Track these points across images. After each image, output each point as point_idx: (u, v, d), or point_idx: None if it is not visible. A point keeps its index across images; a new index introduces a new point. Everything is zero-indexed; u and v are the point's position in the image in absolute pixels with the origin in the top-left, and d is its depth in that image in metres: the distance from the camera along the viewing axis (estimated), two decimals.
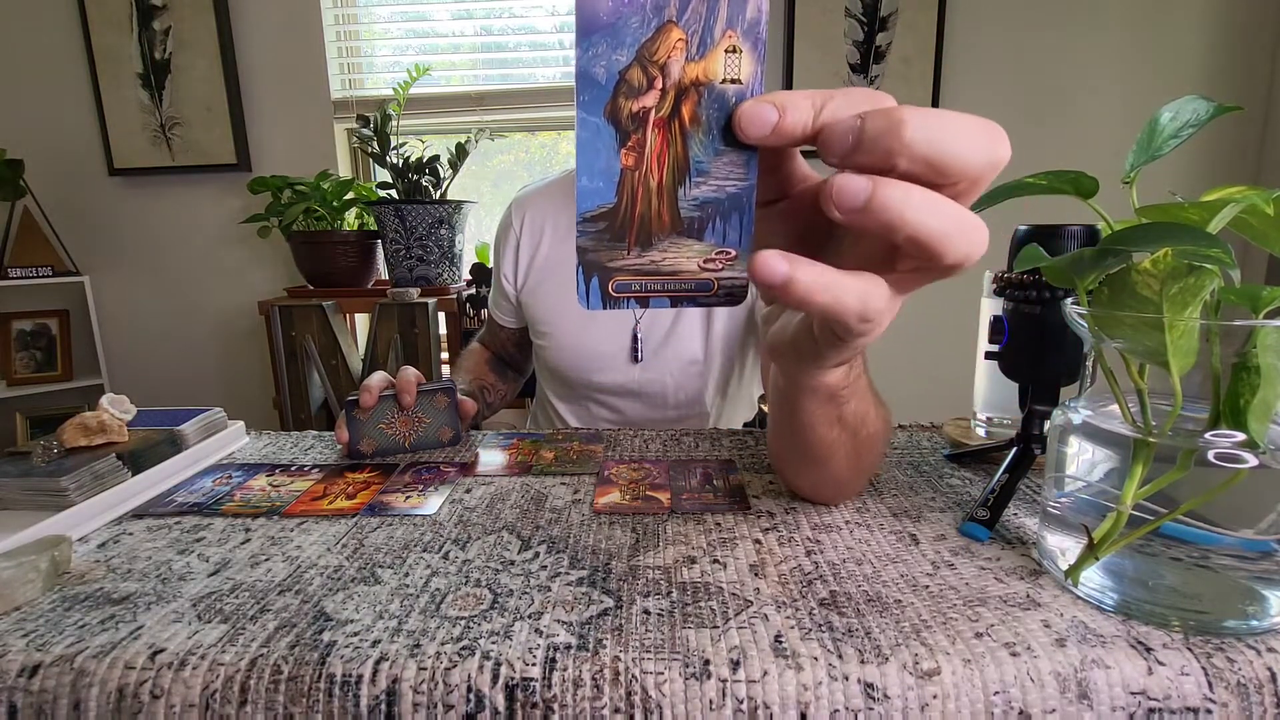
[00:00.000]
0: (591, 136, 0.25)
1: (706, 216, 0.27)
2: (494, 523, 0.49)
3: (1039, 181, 0.36)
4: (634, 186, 0.26)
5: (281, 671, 0.33)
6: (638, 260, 0.27)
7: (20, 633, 0.36)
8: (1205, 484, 0.33)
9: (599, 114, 0.25)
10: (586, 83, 0.25)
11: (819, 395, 0.40)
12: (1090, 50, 1.79)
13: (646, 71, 0.25)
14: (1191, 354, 0.32)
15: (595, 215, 0.26)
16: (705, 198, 0.27)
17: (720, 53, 0.25)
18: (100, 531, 0.49)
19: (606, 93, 0.25)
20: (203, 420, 0.66)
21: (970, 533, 0.45)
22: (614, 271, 0.27)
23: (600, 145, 0.25)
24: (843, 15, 1.80)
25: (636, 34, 0.24)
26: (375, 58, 1.99)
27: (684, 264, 0.27)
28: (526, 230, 0.93)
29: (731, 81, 0.25)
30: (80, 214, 2.01)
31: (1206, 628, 0.33)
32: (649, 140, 0.26)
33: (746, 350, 0.89)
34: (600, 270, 0.27)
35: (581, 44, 0.24)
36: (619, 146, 0.26)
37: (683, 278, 0.28)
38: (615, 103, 0.25)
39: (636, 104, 0.25)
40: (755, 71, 0.25)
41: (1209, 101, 0.34)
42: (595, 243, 0.27)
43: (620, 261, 0.27)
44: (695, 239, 0.27)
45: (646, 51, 0.24)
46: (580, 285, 0.27)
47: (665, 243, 0.27)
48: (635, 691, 0.32)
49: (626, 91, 0.25)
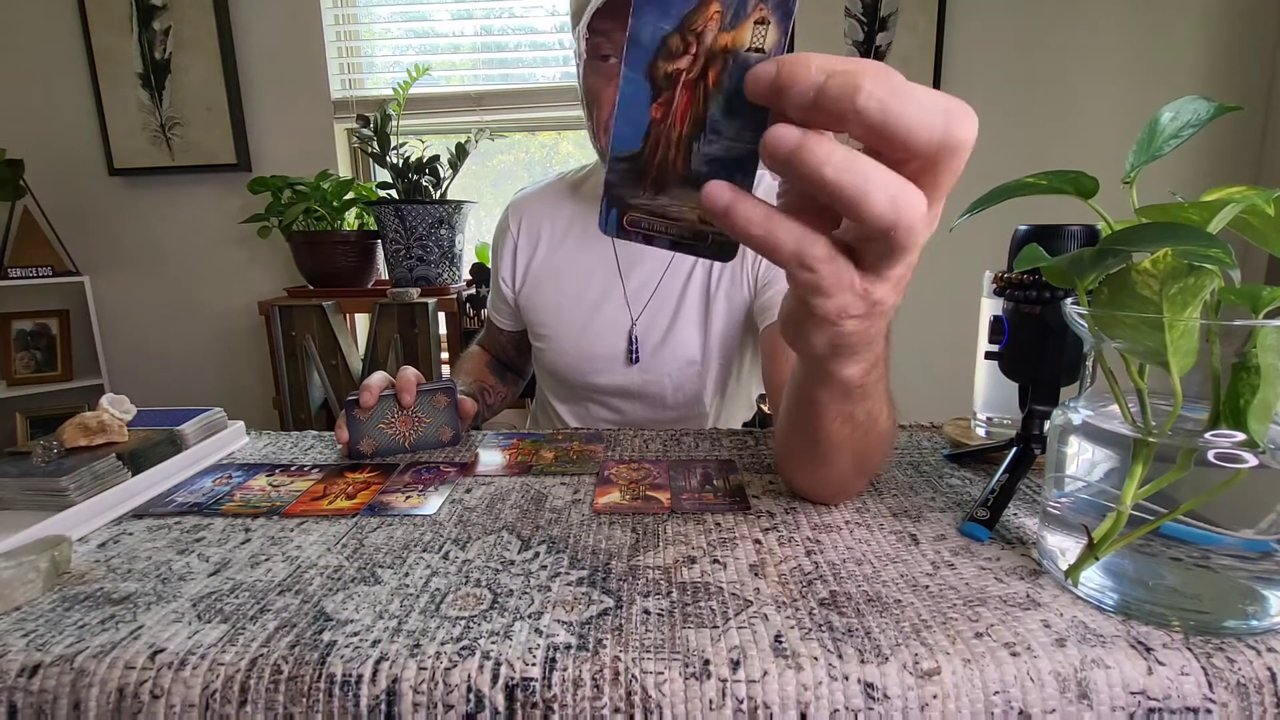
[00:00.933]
0: (632, 91, 0.28)
1: (713, 172, 0.29)
2: (494, 523, 0.49)
3: (1039, 181, 0.36)
4: (658, 137, 0.29)
5: (281, 671, 0.33)
6: (650, 202, 0.30)
7: (20, 633, 0.36)
8: (1205, 484, 0.33)
9: (640, 71, 0.28)
10: (634, 44, 0.28)
11: (835, 390, 0.40)
12: (1090, 50, 1.79)
13: (685, 38, 0.27)
14: (1191, 354, 0.32)
15: (624, 156, 0.29)
16: (714, 155, 0.29)
17: (750, 24, 0.27)
18: (100, 531, 0.49)
19: (649, 53, 0.28)
20: (203, 420, 0.66)
21: (970, 533, 0.45)
22: (631, 207, 0.30)
23: (638, 98, 0.28)
24: (843, 15, 1.80)
25: (681, 7, 0.27)
26: (375, 58, 1.99)
27: (686, 213, 0.30)
28: (524, 233, 0.93)
29: (756, 50, 0.27)
30: (80, 214, 2.01)
31: (1206, 628, 0.33)
32: (677, 98, 0.28)
33: (744, 350, 0.89)
34: (620, 204, 0.30)
35: (637, 11, 0.27)
36: (652, 101, 0.28)
37: (683, 225, 0.31)
38: (655, 63, 0.28)
39: (672, 65, 0.28)
40: (779, 42, 0.27)
41: (1209, 101, 0.34)
42: (620, 179, 0.30)
43: (637, 199, 0.30)
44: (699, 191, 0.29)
45: (688, 21, 0.27)
46: (602, 213, 0.31)
47: (675, 191, 0.30)
48: (635, 691, 0.32)
49: (666, 54, 0.28)
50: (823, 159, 0.25)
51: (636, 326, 0.87)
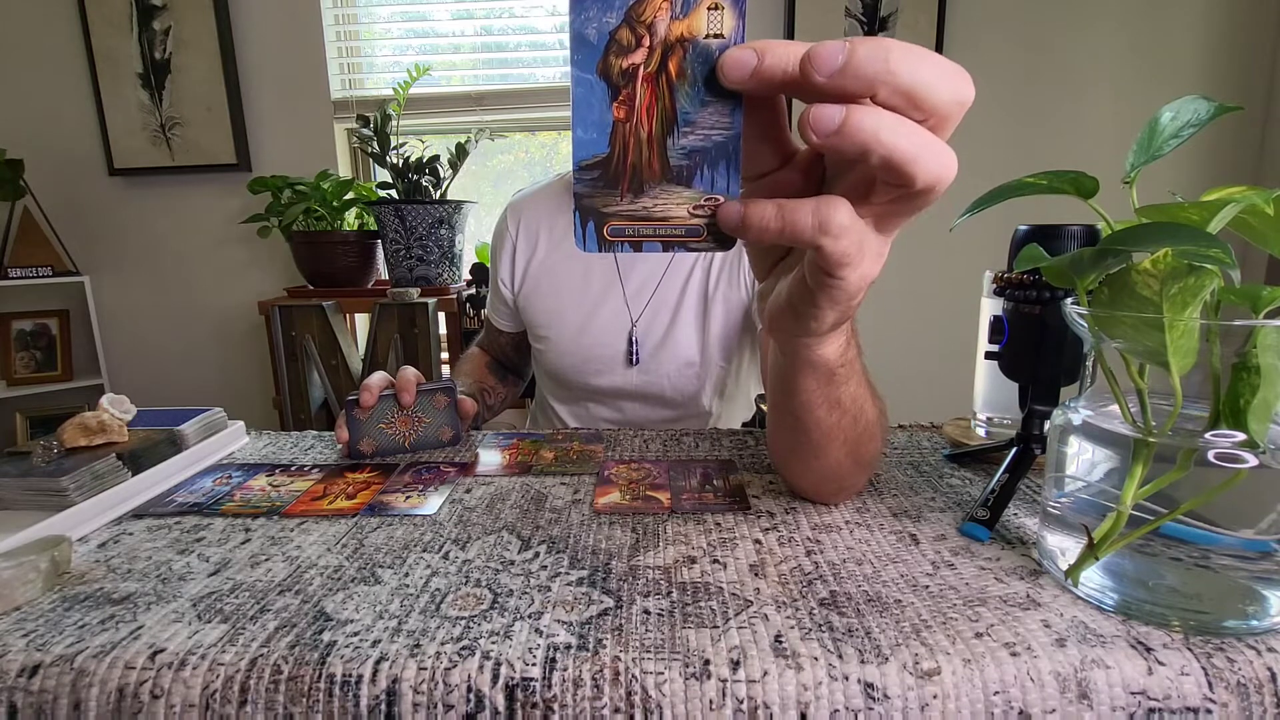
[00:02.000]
0: (585, 92, 0.27)
1: (695, 165, 0.28)
2: (494, 523, 0.49)
3: (1039, 181, 0.36)
4: (625, 137, 0.28)
5: (281, 671, 0.33)
6: (630, 206, 0.29)
7: (20, 633, 0.36)
8: (1205, 484, 0.33)
9: (592, 71, 0.27)
10: (580, 43, 0.26)
11: (817, 372, 0.41)
12: (1090, 50, 1.79)
13: (635, 30, 0.26)
14: (1191, 354, 0.32)
15: (590, 164, 0.28)
16: (693, 147, 0.28)
17: (703, 10, 0.26)
18: (100, 531, 0.49)
19: (598, 52, 0.26)
20: (203, 420, 0.66)
21: (970, 533, 0.45)
22: (608, 216, 0.29)
23: (593, 100, 0.27)
24: (843, 15, 1.81)
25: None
26: (375, 58, 1.99)
27: (674, 210, 0.29)
28: (522, 234, 0.93)
29: (714, 36, 0.27)
30: (80, 214, 2.01)
31: (1206, 628, 0.33)
32: (639, 94, 0.27)
33: (743, 351, 0.89)
34: (595, 215, 0.29)
35: (574, 8, 0.26)
36: (611, 101, 0.27)
37: (674, 223, 0.29)
38: (606, 60, 0.27)
39: (626, 61, 0.27)
40: (737, 26, 0.26)
41: (1209, 101, 0.34)
42: (590, 189, 0.28)
43: (614, 207, 0.29)
44: (684, 186, 0.29)
45: (634, 12, 0.26)
46: (577, 229, 0.29)
47: (656, 190, 0.29)
48: (635, 691, 0.32)
49: (616, 50, 0.27)
50: (876, 125, 0.25)
51: (636, 328, 0.87)
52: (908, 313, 1.92)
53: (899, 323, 1.93)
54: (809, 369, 0.41)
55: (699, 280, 0.86)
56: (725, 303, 0.85)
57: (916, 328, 1.93)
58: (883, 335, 1.91)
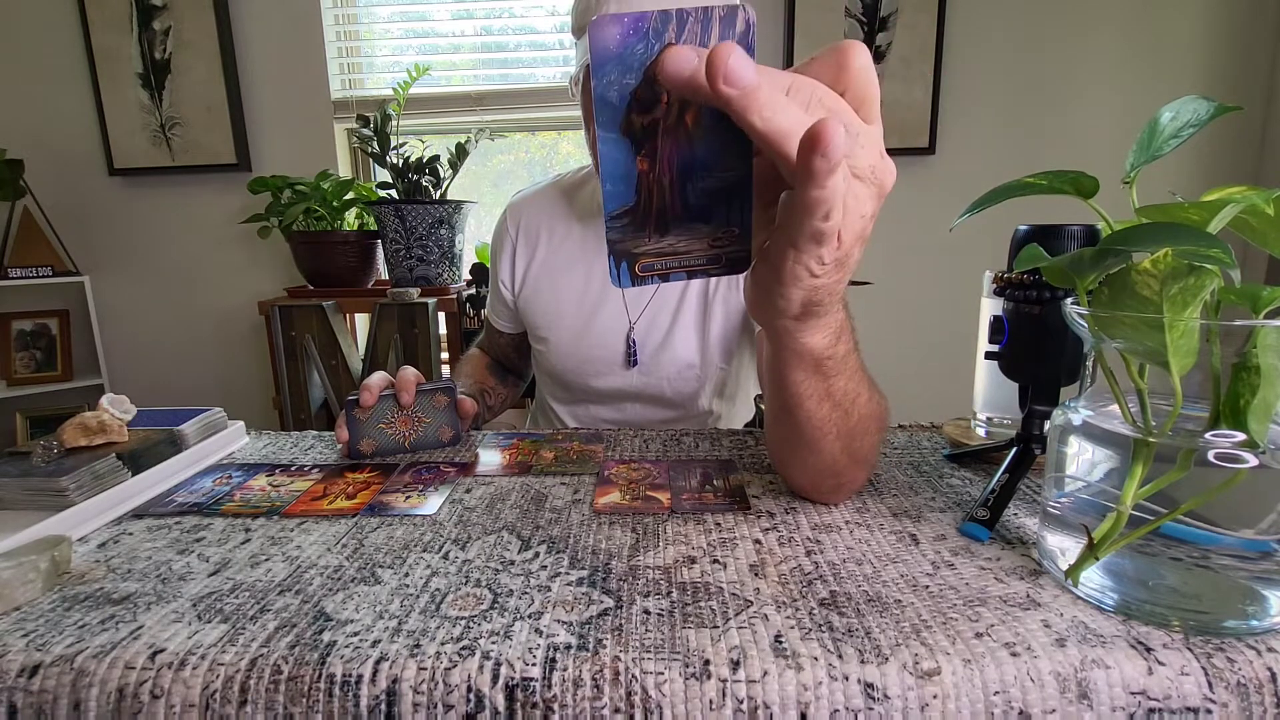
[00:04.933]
0: (611, 150, 0.29)
1: (713, 204, 0.31)
2: (494, 523, 0.49)
3: (1039, 181, 0.36)
4: (649, 186, 0.30)
5: (281, 671, 0.33)
6: (657, 245, 0.31)
7: (20, 633, 0.36)
8: (1205, 484, 0.33)
9: (615, 130, 0.29)
10: (603, 105, 0.28)
11: (804, 363, 0.41)
12: (1090, 50, 1.79)
13: (653, 89, 0.28)
14: (1191, 354, 0.32)
15: (620, 213, 0.30)
16: (710, 188, 0.30)
17: None
18: (100, 531, 0.49)
19: (620, 112, 0.28)
20: (203, 420, 0.66)
21: (970, 533, 0.45)
22: (639, 256, 0.31)
23: (619, 156, 0.29)
24: (843, 15, 1.80)
25: (642, 58, 0.27)
26: (375, 58, 1.99)
27: (696, 244, 0.32)
28: (522, 235, 0.93)
29: None
30: (80, 214, 2.01)
31: (1206, 628, 0.33)
32: (660, 147, 0.29)
33: (744, 352, 0.89)
34: (628, 257, 0.31)
35: (597, 74, 0.27)
36: (635, 155, 0.29)
37: (695, 255, 0.32)
38: (629, 119, 0.29)
39: (647, 118, 0.29)
40: None
41: (1209, 101, 0.34)
42: (622, 235, 0.31)
43: (643, 248, 0.31)
44: (704, 223, 0.31)
45: (652, 72, 0.28)
46: (611, 269, 0.32)
47: (680, 228, 0.31)
48: (635, 691, 0.32)
49: (638, 108, 0.28)
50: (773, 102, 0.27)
51: (635, 330, 0.87)
52: (908, 313, 1.92)
53: (899, 323, 1.93)
54: (796, 359, 0.41)
55: (699, 283, 0.86)
56: (725, 305, 0.85)
57: (916, 328, 1.93)
58: (883, 335, 1.91)
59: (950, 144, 1.84)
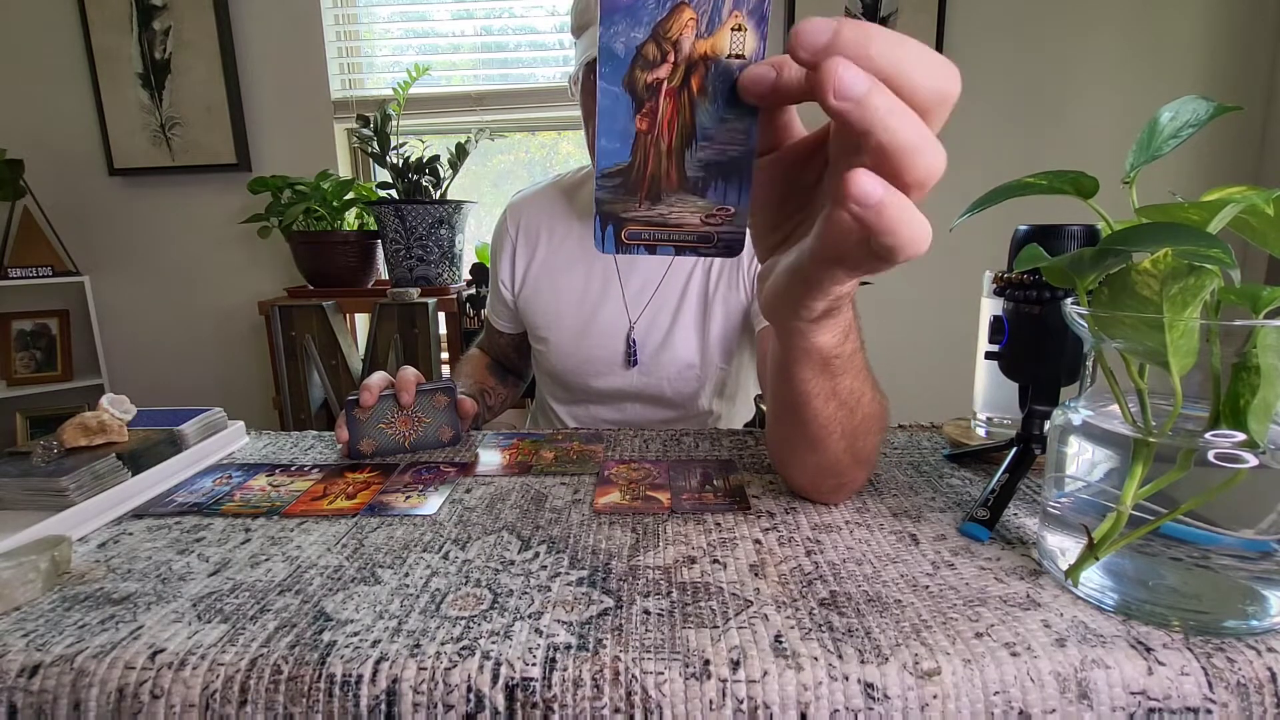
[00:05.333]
0: (611, 104, 0.28)
1: (709, 177, 0.30)
2: (494, 523, 0.49)
3: (1039, 181, 0.36)
4: (646, 148, 0.29)
5: (281, 671, 0.33)
6: (647, 213, 0.30)
7: (20, 633, 0.36)
8: (1205, 484, 0.33)
9: (618, 84, 0.28)
10: (607, 56, 0.27)
11: (813, 361, 0.41)
12: (1090, 50, 1.79)
13: (660, 47, 0.27)
14: (1191, 354, 0.32)
15: (612, 172, 0.29)
16: (709, 160, 0.29)
17: (727, 30, 0.27)
18: (100, 531, 0.49)
19: (625, 65, 0.28)
20: (203, 420, 0.66)
21: (970, 533, 0.45)
22: (626, 221, 0.30)
23: (618, 111, 0.28)
24: (843, 15, 1.80)
25: (653, 13, 0.27)
26: (375, 58, 1.99)
27: (688, 218, 0.30)
28: (522, 235, 0.93)
29: (736, 56, 0.28)
30: (80, 214, 2.01)
31: (1206, 628, 0.33)
32: (661, 108, 0.28)
33: (743, 352, 0.89)
34: (615, 220, 0.30)
35: (604, 22, 0.27)
36: (634, 113, 0.28)
37: (686, 230, 0.31)
38: (632, 74, 0.28)
39: (651, 75, 0.28)
40: (758, 47, 0.28)
41: (1209, 101, 0.34)
42: (611, 195, 0.30)
43: (632, 213, 0.30)
44: (699, 196, 0.30)
45: (661, 29, 0.27)
46: (596, 232, 0.30)
47: (672, 199, 0.30)
48: (635, 691, 0.32)
49: (642, 65, 0.28)
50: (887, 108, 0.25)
51: (635, 330, 0.87)
52: (908, 313, 1.92)
53: (899, 323, 1.93)
54: (805, 357, 0.41)
55: (699, 283, 0.86)
56: (725, 305, 0.85)
57: (916, 328, 1.93)
58: (883, 335, 1.90)
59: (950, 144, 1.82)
